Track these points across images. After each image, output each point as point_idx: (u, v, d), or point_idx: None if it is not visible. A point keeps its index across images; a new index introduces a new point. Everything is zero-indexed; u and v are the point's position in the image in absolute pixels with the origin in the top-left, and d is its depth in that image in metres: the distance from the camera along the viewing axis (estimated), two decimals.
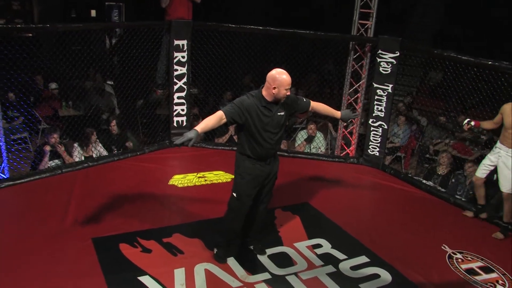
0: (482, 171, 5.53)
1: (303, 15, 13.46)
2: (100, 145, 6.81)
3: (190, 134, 3.73)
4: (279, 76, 3.95)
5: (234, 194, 4.23)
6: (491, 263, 4.77)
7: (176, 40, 6.78)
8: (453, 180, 6.58)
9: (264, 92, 4.03)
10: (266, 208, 4.54)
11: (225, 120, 3.95)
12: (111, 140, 7.09)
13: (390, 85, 6.65)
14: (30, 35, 9.62)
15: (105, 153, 6.79)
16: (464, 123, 5.43)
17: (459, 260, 4.79)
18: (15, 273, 4.04)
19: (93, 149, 6.66)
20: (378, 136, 6.93)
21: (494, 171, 5.43)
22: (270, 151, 4.14)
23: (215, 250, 4.51)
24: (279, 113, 4.07)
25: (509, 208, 5.27)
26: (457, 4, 11.69)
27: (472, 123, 5.39)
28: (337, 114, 4.58)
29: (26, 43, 6.23)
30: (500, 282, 4.50)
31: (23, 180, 5.77)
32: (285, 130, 4.32)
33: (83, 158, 6.52)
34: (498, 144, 5.30)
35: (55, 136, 6.28)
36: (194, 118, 7.89)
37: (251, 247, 4.63)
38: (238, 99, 4.07)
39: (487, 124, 5.46)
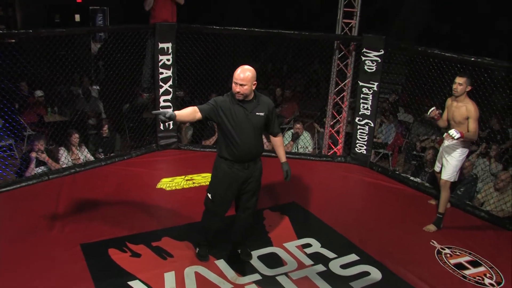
0: (438, 165, 5.54)
1: (289, 15, 13.51)
2: (86, 150, 6.77)
3: (168, 111, 3.80)
4: (234, 72, 3.89)
5: (209, 195, 4.21)
6: (479, 257, 4.82)
7: (160, 43, 6.75)
8: None
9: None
10: (252, 214, 4.43)
11: (199, 115, 3.93)
12: (99, 143, 7.05)
13: (376, 83, 6.69)
14: (13, 41, 9.53)
15: (92, 158, 6.75)
16: (431, 110, 5.23)
17: (448, 255, 4.83)
18: (3, 281, 4.00)
19: (78, 153, 6.61)
20: (364, 134, 6.96)
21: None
22: (247, 154, 4.05)
23: (197, 249, 4.52)
24: (258, 113, 4.00)
25: (445, 197, 5.28)
26: (443, 1, 11.79)
27: (438, 112, 5.24)
28: (282, 159, 4.37)
29: (8, 49, 6.17)
30: (488, 275, 4.54)
31: (9, 188, 5.71)
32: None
33: (70, 162, 6.47)
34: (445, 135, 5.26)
35: (39, 144, 6.22)
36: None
37: (238, 251, 4.59)
38: (213, 97, 4.06)
39: (441, 122, 5.38)
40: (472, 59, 5.67)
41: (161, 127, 7.10)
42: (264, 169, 4.14)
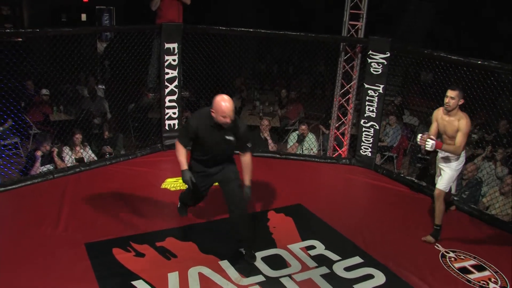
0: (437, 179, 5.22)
1: (294, 17, 13.52)
2: (90, 150, 6.78)
3: (186, 177, 4.27)
4: (218, 103, 4.09)
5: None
6: (484, 261, 4.80)
7: (166, 43, 6.76)
8: None
9: (212, 114, 4.17)
10: (245, 215, 4.52)
11: (185, 150, 4.36)
12: (103, 144, 7.07)
13: (381, 86, 6.67)
14: (20, 39, 9.57)
15: (95, 158, 6.76)
16: (419, 137, 4.86)
17: (452, 259, 4.82)
18: (8, 279, 4.01)
19: (82, 152, 6.63)
20: (370, 137, 6.95)
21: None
22: (213, 162, 4.45)
23: (179, 204, 5.11)
24: (227, 137, 4.26)
25: (440, 209, 5.05)
26: (448, 5, 11.77)
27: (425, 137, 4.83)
28: (246, 181, 4.52)
29: (15, 47, 6.19)
30: (493, 280, 4.52)
31: (14, 186, 5.73)
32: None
33: (74, 161, 6.49)
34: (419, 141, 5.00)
35: (47, 145, 6.26)
36: (186, 121, 7.88)
37: (242, 250, 4.61)
38: (185, 123, 4.52)
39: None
40: (479, 62, 5.65)
41: (166, 127, 7.11)
42: (269, 170, 4.17)
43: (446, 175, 5.02)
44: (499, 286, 4.44)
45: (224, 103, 4.06)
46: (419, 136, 4.89)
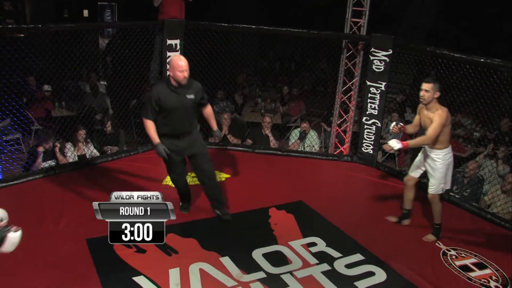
0: (414, 170, 5.18)
1: (296, 14, 13.49)
2: (92, 146, 6.78)
3: (160, 149, 4.60)
4: (173, 61, 4.54)
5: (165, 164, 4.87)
6: (485, 259, 4.79)
7: (169, 39, 6.75)
8: None
9: (170, 78, 4.59)
10: (216, 183, 5.18)
11: (152, 123, 4.64)
12: (105, 140, 7.07)
13: (383, 83, 6.66)
14: (22, 35, 9.58)
15: (97, 154, 6.76)
16: (392, 125, 4.94)
17: (453, 256, 4.81)
18: (9, 275, 4.02)
19: (85, 148, 6.63)
20: (371, 134, 6.94)
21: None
22: (180, 129, 4.70)
23: (180, 204, 5.30)
24: (188, 96, 4.63)
25: (437, 209, 5.00)
26: (451, 3, 11.73)
27: (399, 126, 4.89)
28: (214, 127, 5.02)
29: (18, 43, 6.20)
30: (494, 278, 4.52)
31: (16, 182, 5.74)
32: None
33: (76, 157, 6.49)
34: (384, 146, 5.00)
35: (49, 141, 6.27)
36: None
37: (217, 212, 5.11)
38: (147, 94, 4.75)
39: (409, 128, 5.12)
40: (482, 60, 5.63)
41: None
42: (271, 167, 4.17)
43: (435, 179, 4.89)
44: (500, 284, 4.44)
45: (178, 59, 4.53)
46: (393, 124, 4.89)
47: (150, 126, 4.63)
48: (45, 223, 4.86)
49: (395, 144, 4.66)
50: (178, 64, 4.49)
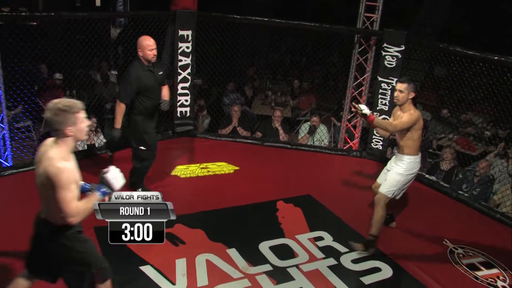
0: (382, 176, 4.91)
1: (308, 7, 13.41)
2: (102, 135, 6.80)
3: (117, 134, 4.96)
4: (141, 41, 4.80)
5: (143, 148, 5.05)
6: (492, 259, 4.77)
7: (181, 30, 6.76)
8: (460, 176, 6.57)
9: (141, 58, 4.83)
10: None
11: (124, 106, 4.85)
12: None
13: (395, 79, 6.62)
14: (35, 23, 9.60)
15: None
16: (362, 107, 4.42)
17: (460, 255, 4.80)
18: (18, 261, 4.05)
19: (94, 138, 6.66)
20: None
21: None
22: (155, 107, 5.02)
23: (140, 190, 5.32)
24: (159, 73, 4.97)
25: (378, 216, 4.60)
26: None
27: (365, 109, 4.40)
28: (167, 98, 5.20)
29: (30, 31, 6.22)
30: (501, 277, 4.50)
31: (26, 169, 5.78)
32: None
33: (85, 147, 6.52)
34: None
35: None
36: (199, 109, 7.91)
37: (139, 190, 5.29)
38: (126, 78, 4.88)
39: (380, 131, 5.06)
40: (496, 57, 5.57)
41: (178, 114, 7.12)
42: (280, 160, 4.15)
43: (391, 178, 4.60)
44: (507, 284, 4.42)
45: (146, 39, 4.81)
46: (363, 106, 4.42)
47: (122, 111, 4.86)
48: None
49: (364, 107, 4.36)
50: (147, 43, 4.78)
